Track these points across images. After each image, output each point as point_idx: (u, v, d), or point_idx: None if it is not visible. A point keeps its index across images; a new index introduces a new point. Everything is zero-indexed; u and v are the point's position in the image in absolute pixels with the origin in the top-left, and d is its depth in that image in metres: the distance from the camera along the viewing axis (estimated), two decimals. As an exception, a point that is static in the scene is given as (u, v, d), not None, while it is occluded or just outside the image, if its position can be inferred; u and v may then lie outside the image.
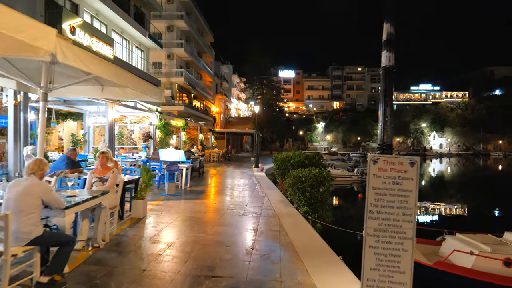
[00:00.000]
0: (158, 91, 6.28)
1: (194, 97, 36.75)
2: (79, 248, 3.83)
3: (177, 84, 30.99)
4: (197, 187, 9.62)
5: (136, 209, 5.48)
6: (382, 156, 2.13)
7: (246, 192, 9.15)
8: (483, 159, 57.29)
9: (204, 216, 5.93)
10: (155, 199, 7.44)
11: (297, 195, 6.48)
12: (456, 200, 18.16)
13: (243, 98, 71.46)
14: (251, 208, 6.79)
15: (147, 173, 5.53)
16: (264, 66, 57.45)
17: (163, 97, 6.34)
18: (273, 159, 9.91)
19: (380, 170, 2.13)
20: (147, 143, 12.32)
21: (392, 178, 2.13)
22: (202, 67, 37.80)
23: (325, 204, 6.57)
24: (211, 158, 19.69)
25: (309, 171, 6.75)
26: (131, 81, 5.37)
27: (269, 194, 8.79)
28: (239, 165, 19.63)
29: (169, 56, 30.91)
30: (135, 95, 6.43)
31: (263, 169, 16.16)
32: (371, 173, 2.16)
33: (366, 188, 2.20)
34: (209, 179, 12.02)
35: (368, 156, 2.19)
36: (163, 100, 6.33)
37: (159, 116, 12.65)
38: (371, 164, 2.15)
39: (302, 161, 8.95)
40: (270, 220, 5.82)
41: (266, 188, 9.87)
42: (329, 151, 59.60)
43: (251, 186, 10.34)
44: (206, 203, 7.17)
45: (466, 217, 13.94)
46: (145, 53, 23.01)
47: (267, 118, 44.95)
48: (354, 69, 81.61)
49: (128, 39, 20.45)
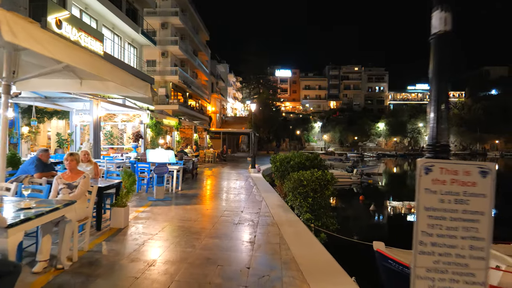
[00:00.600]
0: (144, 85, 5.62)
1: (190, 96, 36.00)
2: (38, 270, 3.15)
3: (171, 82, 30.23)
4: (189, 190, 8.94)
5: (116, 218, 4.81)
6: (439, 162, 1.48)
7: (242, 195, 8.50)
8: (480, 159, 57.12)
9: (194, 225, 5.26)
10: (142, 204, 6.76)
11: (299, 200, 5.85)
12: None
13: (239, 98, 70.75)
14: (247, 215, 6.14)
15: (129, 176, 4.85)
16: (261, 65, 56.84)
17: (149, 91, 5.67)
18: (271, 160, 9.17)
19: (436, 183, 1.47)
20: (138, 143, 11.61)
21: (454, 195, 1.47)
22: (198, 66, 37.04)
23: (328, 210, 5.94)
24: (206, 158, 19.00)
25: (311, 173, 6.11)
26: (110, 72, 4.70)
27: (267, 197, 8.15)
28: (235, 165, 18.97)
29: (163, 54, 30.14)
30: (118, 89, 5.76)
31: (260, 170, 15.52)
32: (422, 187, 1.49)
33: (416, 208, 1.55)
34: (203, 181, 11.34)
35: (418, 162, 1.54)
36: (149, 95, 5.66)
37: (150, 115, 11.94)
38: (422, 174, 1.49)
39: (303, 162, 8.25)
40: (269, 229, 5.18)
41: (264, 191, 9.22)
42: (326, 151, 59.09)
43: (247, 188, 9.69)
44: (197, 209, 6.51)
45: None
46: (138, 50, 22.25)
47: (264, 117, 44.27)
48: (351, 69, 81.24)
49: (120, 35, 19.69)
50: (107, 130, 12.61)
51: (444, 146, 1.62)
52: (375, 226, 11.06)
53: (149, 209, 6.37)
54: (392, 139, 66.19)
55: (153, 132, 12.05)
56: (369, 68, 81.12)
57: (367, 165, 27.07)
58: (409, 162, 48.57)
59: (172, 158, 7.15)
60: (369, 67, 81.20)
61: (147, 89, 5.64)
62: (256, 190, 9.41)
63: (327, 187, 5.89)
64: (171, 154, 7.16)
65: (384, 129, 65.97)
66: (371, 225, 11.07)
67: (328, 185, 5.93)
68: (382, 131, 66.15)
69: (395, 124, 65.07)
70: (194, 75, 37.94)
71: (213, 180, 11.93)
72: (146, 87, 5.64)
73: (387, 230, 10.20)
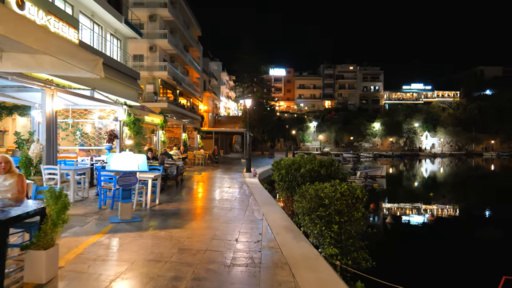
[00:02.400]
0: (91, 59, 3.79)
1: (180, 94, 34.01)
2: None
3: (160, 79, 28.26)
4: (169, 204, 7.08)
5: (33, 268, 2.97)
6: None
7: (236, 210, 6.70)
8: (476, 159, 56.36)
9: (165, 273, 3.44)
10: (97, 229, 4.90)
11: (318, 227, 4.06)
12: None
13: (232, 97, 68.90)
14: (244, 246, 4.35)
15: (56, 200, 3.02)
16: (255, 64, 54.99)
17: (100, 69, 3.87)
18: (273, 167, 7.15)
19: None
20: (112, 144, 9.72)
21: None
22: (189, 62, 35.09)
23: (359, 240, 4.19)
24: (196, 160, 17.12)
25: (333, 187, 4.33)
26: (40, 38, 2.98)
27: (268, 213, 6.36)
28: (228, 168, 17.13)
29: (151, 48, 28.14)
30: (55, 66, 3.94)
31: (256, 174, 13.73)
32: None
33: None
34: (188, 190, 9.47)
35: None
36: (100, 73, 3.87)
37: (128, 110, 10.04)
38: None
39: (317, 170, 6.30)
40: (278, 278, 3.39)
41: (263, 203, 7.44)
42: (322, 151, 57.64)
43: (243, 200, 7.89)
44: (174, 238, 4.68)
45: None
46: (122, 42, 20.23)
47: (258, 117, 42.46)
48: (346, 68, 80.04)
49: (100, 25, 17.65)
50: (78, 129, 10.65)
51: None
52: (404, 250, 9.04)
53: (106, 237, 4.53)
54: (388, 139, 65.09)
55: (131, 131, 10.15)
56: (364, 67, 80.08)
57: (370, 167, 25.49)
58: (405, 162, 47.35)
59: (143, 164, 5.31)
60: (364, 66, 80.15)
61: (96, 65, 3.83)
62: (253, 202, 7.63)
63: (357, 208, 4.15)
64: (142, 159, 5.32)
65: (380, 129, 64.85)
66: (399, 249, 9.02)
67: (358, 205, 4.18)
68: (377, 131, 65.01)
69: (391, 124, 64.04)
70: (185, 72, 35.94)
71: (201, 188, 10.07)
72: (95, 63, 3.83)
73: (425, 258, 8.23)
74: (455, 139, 66.66)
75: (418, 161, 50.58)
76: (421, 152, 62.15)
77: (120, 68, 18.01)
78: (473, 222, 13.20)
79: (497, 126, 62.25)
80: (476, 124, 63.89)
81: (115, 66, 17.30)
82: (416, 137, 66.03)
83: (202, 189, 9.78)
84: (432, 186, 23.51)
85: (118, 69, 17.92)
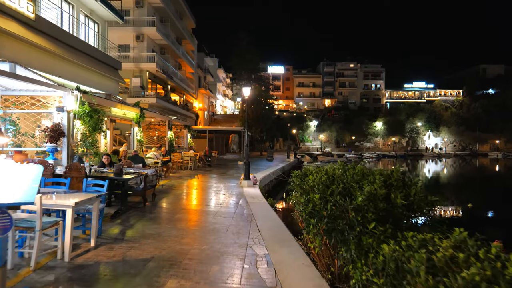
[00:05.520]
0: None
1: (172, 89, 31.13)
2: None
3: (148, 71, 25.38)
4: (114, 248, 4.20)
5: None
6: None
7: (230, 261, 3.97)
8: (482, 159, 54.01)
9: None
10: None
11: None
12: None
13: (229, 95, 66.06)
14: None
15: None
16: (252, 61, 52.09)
17: None
18: (293, 184, 3.81)
19: None
20: (57, 144, 6.92)
21: None
22: (182, 55, 32.22)
23: None
24: (184, 164, 14.33)
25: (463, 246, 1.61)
26: None
27: (285, 270, 3.64)
28: (223, 173, 14.32)
29: (138, 37, 25.23)
30: None
31: (256, 181, 11.00)
32: None
33: None
34: (158, 213, 6.58)
35: None
36: None
37: (81, 98, 7.23)
38: None
39: (383, 195, 2.83)
40: None
41: (273, 240, 4.73)
42: (323, 151, 55.02)
43: (240, 233, 5.16)
44: None
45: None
46: (101, 26, 17.30)
47: (256, 115, 39.62)
48: (347, 66, 77.40)
49: (71, 3, 14.74)
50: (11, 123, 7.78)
51: None
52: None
53: None
54: (391, 139, 62.66)
55: (86, 126, 7.36)
56: (365, 65, 77.55)
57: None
58: (408, 163, 44.77)
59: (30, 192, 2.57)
60: (365, 64, 77.61)
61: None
62: (255, 235, 4.90)
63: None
64: (32, 177, 2.58)
65: (382, 128, 62.38)
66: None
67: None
68: (379, 130, 62.53)
69: (393, 123, 61.59)
70: (177, 66, 33.08)
71: (180, 208, 7.15)
72: None
73: None
74: (459, 139, 64.41)
75: (425, 161, 48.05)
76: (425, 153, 59.74)
77: (99, 56, 15.22)
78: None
79: (501, 126, 60.07)
80: (480, 124, 61.64)
81: (93, 55, 14.59)
82: (419, 136, 63.70)
83: (181, 211, 6.88)
84: (462, 193, 20.79)
85: (99, 60, 15.18)
